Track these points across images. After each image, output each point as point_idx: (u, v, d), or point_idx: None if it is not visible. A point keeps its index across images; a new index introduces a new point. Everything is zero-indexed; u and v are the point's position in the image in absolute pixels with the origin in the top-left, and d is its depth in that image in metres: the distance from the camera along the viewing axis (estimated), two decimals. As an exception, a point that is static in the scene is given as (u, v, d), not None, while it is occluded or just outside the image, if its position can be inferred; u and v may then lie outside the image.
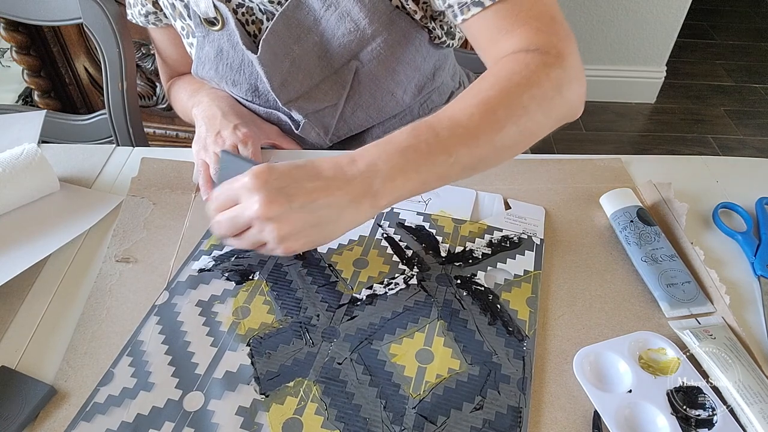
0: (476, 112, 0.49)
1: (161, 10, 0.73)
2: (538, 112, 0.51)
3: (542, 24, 0.54)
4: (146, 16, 0.74)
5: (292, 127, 0.73)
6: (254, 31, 0.67)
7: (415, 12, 0.64)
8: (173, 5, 0.70)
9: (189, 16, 0.69)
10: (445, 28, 0.69)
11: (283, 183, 0.46)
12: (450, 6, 0.58)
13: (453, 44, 0.72)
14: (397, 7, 0.63)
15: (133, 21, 0.77)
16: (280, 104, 0.69)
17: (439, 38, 0.69)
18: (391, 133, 0.50)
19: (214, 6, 0.65)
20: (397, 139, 0.48)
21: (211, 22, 0.67)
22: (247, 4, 0.66)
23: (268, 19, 0.66)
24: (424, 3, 0.64)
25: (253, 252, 0.56)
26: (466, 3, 0.56)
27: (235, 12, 0.66)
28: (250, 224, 0.47)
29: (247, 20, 0.67)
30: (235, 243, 0.50)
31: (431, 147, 0.47)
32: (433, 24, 0.67)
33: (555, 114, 0.53)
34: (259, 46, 0.64)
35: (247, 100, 0.73)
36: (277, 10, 0.64)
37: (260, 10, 0.66)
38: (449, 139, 0.48)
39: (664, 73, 2.14)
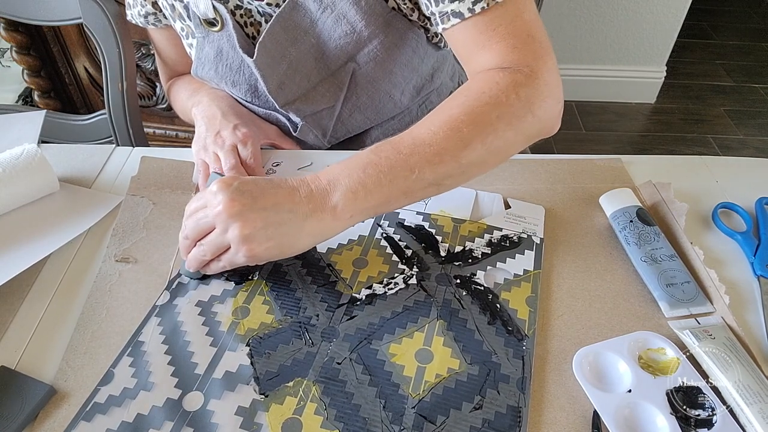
0: (440, 131, 0.50)
1: (161, 11, 0.73)
2: (507, 131, 0.52)
3: (518, 41, 0.55)
4: (146, 16, 0.74)
5: (291, 129, 0.73)
6: (253, 33, 0.67)
7: (412, 11, 0.64)
8: (173, 6, 0.70)
9: (188, 17, 0.69)
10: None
11: (247, 187, 0.48)
12: (433, 14, 0.58)
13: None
14: (394, 8, 0.63)
15: (133, 22, 0.77)
16: (277, 106, 0.69)
17: (436, 37, 0.69)
18: (394, 134, 0.51)
19: (213, 7, 0.65)
20: (359, 156, 0.50)
21: (210, 23, 0.67)
22: (245, 6, 0.66)
23: (266, 21, 0.66)
24: (415, 4, 0.64)
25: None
26: (447, 13, 0.56)
27: (233, 13, 0.66)
28: (213, 224, 0.48)
29: (245, 22, 0.67)
30: (197, 253, 0.51)
31: (392, 163, 0.49)
32: (428, 24, 0.67)
33: (526, 132, 0.54)
34: (256, 49, 0.64)
35: (246, 101, 0.73)
36: (276, 12, 0.64)
37: (259, 12, 0.66)
38: (411, 156, 0.49)
39: (664, 73, 2.14)
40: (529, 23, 0.55)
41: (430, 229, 0.60)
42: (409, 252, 0.57)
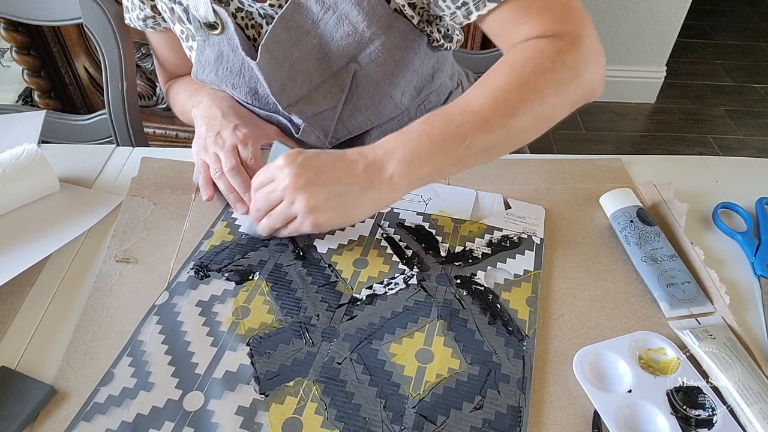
0: (488, 99, 0.52)
1: (160, 14, 0.73)
2: (553, 96, 0.53)
3: (556, 13, 0.56)
4: (144, 20, 0.74)
5: (292, 131, 0.73)
6: (254, 35, 0.67)
7: (413, 17, 0.64)
8: (172, 9, 0.69)
9: (188, 20, 0.69)
10: (443, 31, 0.69)
11: (311, 161, 0.52)
12: (465, 3, 0.59)
13: (451, 47, 0.72)
14: (396, 10, 0.63)
15: (132, 25, 0.77)
16: (280, 108, 0.69)
17: (437, 41, 0.69)
18: (390, 134, 0.52)
19: (214, 10, 0.65)
20: (412, 128, 0.53)
21: (210, 26, 0.67)
22: (246, 9, 0.65)
23: (267, 23, 0.66)
24: (421, 9, 0.64)
25: (249, 258, 0.57)
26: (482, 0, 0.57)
27: (234, 16, 0.66)
28: (282, 197, 0.53)
29: (246, 24, 0.67)
30: (267, 223, 0.55)
31: (444, 132, 0.51)
32: (430, 28, 0.67)
33: (571, 96, 0.55)
34: (258, 52, 0.64)
35: (247, 103, 0.73)
36: (277, 14, 0.64)
37: (260, 14, 0.66)
38: (462, 125, 0.51)
39: (664, 73, 2.14)
40: None
41: (430, 230, 0.60)
42: (409, 252, 0.57)
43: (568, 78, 0.54)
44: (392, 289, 0.54)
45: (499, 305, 0.52)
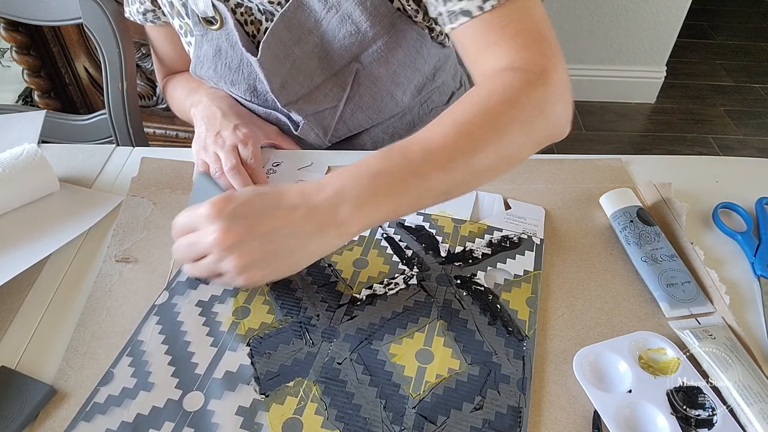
0: (451, 134, 0.48)
1: (159, 7, 0.73)
2: (518, 134, 0.49)
3: (528, 40, 0.53)
4: (144, 13, 0.74)
5: (291, 128, 0.73)
6: (253, 32, 0.67)
7: (417, 12, 0.64)
8: (171, 3, 0.69)
9: (187, 14, 0.69)
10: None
11: (242, 212, 0.45)
12: (440, 14, 0.57)
13: (451, 44, 0.72)
14: (399, 9, 0.63)
15: (131, 18, 0.77)
16: (279, 105, 0.69)
17: (441, 35, 0.69)
18: (395, 133, 0.50)
19: (213, 5, 0.64)
20: (367, 164, 0.47)
21: (209, 21, 0.67)
22: (246, 4, 0.65)
23: (267, 20, 0.66)
24: (420, 5, 0.64)
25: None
26: (455, 12, 0.54)
27: (233, 12, 0.66)
28: (208, 252, 0.45)
29: (245, 20, 0.67)
30: (192, 271, 0.48)
31: (403, 171, 0.46)
32: (433, 23, 0.67)
33: (537, 135, 0.51)
34: (259, 48, 0.64)
35: (246, 100, 0.73)
36: (277, 11, 0.64)
37: (259, 10, 0.66)
38: (422, 164, 0.46)
39: (664, 73, 2.14)
40: (538, 22, 0.53)
41: (430, 230, 0.60)
42: (409, 252, 0.57)
43: (534, 115, 0.50)
44: (392, 289, 0.54)
45: (499, 305, 0.52)
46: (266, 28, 0.66)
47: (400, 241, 0.58)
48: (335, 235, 0.46)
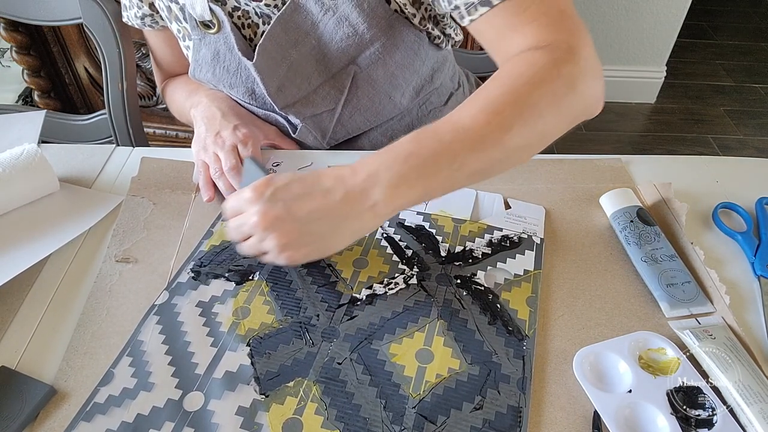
0: (481, 115, 0.48)
1: (157, 12, 0.73)
2: (549, 111, 0.49)
3: (551, 19, 0.52)
4: (142, 18, 0.74)
5: (290, 131, 0.73)
6: (250, 35, 0.67)
7: (414, 15, 0.64)
8: (169, 8, 0.69)
9: (185, 18, 0.69)
10: (443, 29, 0.69)
11: (281, 195, 0.47)
12: (456, 7, 0.56)
13: (449, 44, 0.72)
14: (396, 11, 0.63)
15: (129, 23, 0.77)
16: (277, 108, 0.69)
17: (438, 38, 0.69)
18: (393, 135, 0.50)
19: (210, 9, 0.64)
20: (399, 146, 0.47)
21: (206, 25, 0.67)
22: (243, 8, 0.65)
23: (264, 23, 0.66)
24: (425, 7, 0.64)
25: (249, 259, 0.57)
26: (473, 3, 0.54)
27: (230, 15, 0.66)
28: (250, 233, 0.49)
29: (242, 24, 0.66)
30: (241, 251, 0.52)
31: (434, 152, 0.47)
32: (431, 25, 0.67)
33: (568, 112, 0.51)
34: (256, 52, 0.64)
35: (245, 102, 0.73)
36: (274, 14, 0.64)
37: (256, 13, 0.66)
38: (453, 144, 0.47)
39: (664, 73, 2.14)
40: (559, 1, 0.53)
41: (430, 229, 0.60)
42: (409, 252, 0.57)
43: (564, 91, 0.50)
44: (392, 289, 0.54)
45: (499, 305, 0.52)
46: (263, 32, 0.66)
47: (400, 240, 0.58)
48: (369, 218, 0.47)
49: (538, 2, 0.52)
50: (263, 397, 0.45)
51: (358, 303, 0.52)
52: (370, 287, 0.54)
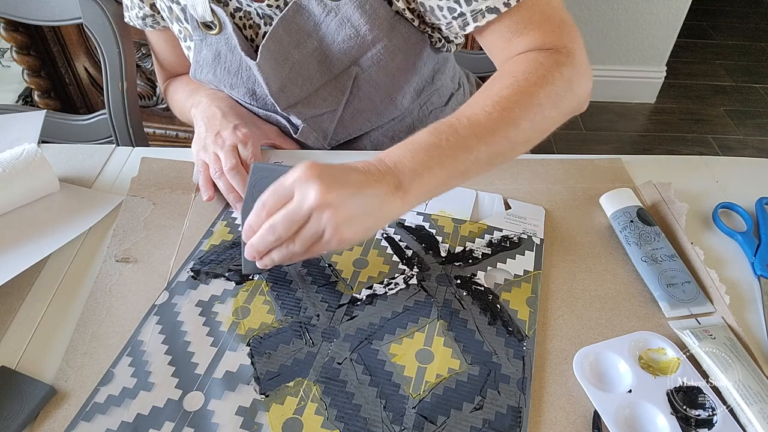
0: (494, 111, 0.52)
1: (159, 13, 0.73)
2: (550, 109, 0.54)
3: (554, 26, 0.58)
4: (143, 19, 0.74)
5: (291, 131, 0.73)
6: (251, 36, 0.67)
7: (413, 20, 0.64)
8: (170, 8, 0.69)
9: (186, 19, 0.69)
10: (444, 34, 0.69)
11: (331, 173, 0.46)
12: (462, 14, 0.59)
13: (452, 49, 0.72)
14: (398, 12, 0.63)
15: (131, 23, 0.77)
16: (278, 109, 0.69)
17: (440, 42, 0.69)
18: (394, 136, 0.50)
19: (212, 10, 0.64)
20: (419, 138, 0.50)
21: (208, 26, 0.67)
22: (245, 9, 0.65)
23: (265, 24, 0.66)
24: (420, 15, 0.64)
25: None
26: (480, 10, 0.58)
27: (232, 16, 0.66)
28: (309, 214, 0.46)
29: (244, 24, 0.67)
30: (287, 251, 0.48)
31: (452, 144, 0.50)
32: (431, 31, 0.67)
33: (565, 109, 0.56)
34: (259, 52, 0.64)
35: (246, 103, 0.73)
36: (276, 14, 0.64)
37: (258, 14, 0.66)
38: (469, 137, 0.50)
39: (664, 73, 2.14)
40: (558, 9, 0.58)
41: (430, 230, 0.60)
42: (409, 252, 0.57)
43: (564, 91, 0.55)
44: (392, 289, 0.54)
45: (499, 305, 0.52)
46: (265, 32, 0.66)
47: (400, 241, 0.58)
48: (400, 200, 0.48)
49: (541, 11, 0.58)
50: (263, 397, 0.45)
51: (358, 303, 0.52)
52: (370, 287, 0.54)
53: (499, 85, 0.54)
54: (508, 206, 0.62)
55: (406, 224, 0.60)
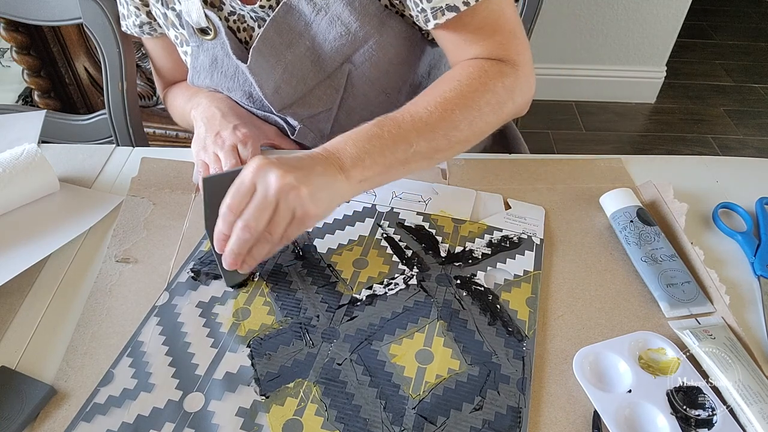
0: (436, 111, 0.56)
1: (155, 20, 0.73)
2: (489, 114, 0.59)
3: (504, 38, 0.61)
4: (140, 26, 0.74)
5: (288, 132, 0.73)
6: (245, 38, 0.67)
7: (403, 10, 0.65)
8: (166, 15, 0.70)
9: (182, 25, 0.69)
10: None
11: (284, 160, 0.49)
12: (423, 10, 0.60)
13: None
14: (387, 6, 0.64)
15: (128, 32, 0.77)
16: (274, 111, 0.69)
17: (428, 34, 0.69)
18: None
19: (205, 15, 0.65)
20: (363, 129, 0.54)
21: (204, 32, 0.67)
22: (238, 12, 0.66)
23: (259, 26, 0.66)
24: (400, 12, 0.64)
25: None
26: (441, 8, 0.59)
27: (226, 20, 0.66)
28: (276, 199, 0.47)
29: (238, 27, 0.67)
30: (265, 248, 0.49)
31: (394, 136, 0.53)
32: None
33: (504, 115, 0.61)
34: (249, 54, 0.64)
35: (244, 105, 0.73)
36: (269, 16, 0.64)
37: (251, 17, 0.66)
38: (410, 131, 0.54)
39: (664, 73, 2.14)
40: (511, 22, 0.62)
41: (430, 230, 0.60)
42: (409, 252, 0.57)
43: (504, 99, 0.59)
44: (392, 289, 0.54)
45: (498, 306, 0.52)
46: (258, 35, 0.66)
47: (400, 241, 0.58)
48: (345, 183, 0.51)
49: (494, 21, 0.61)
50: (263, 398, 0.45)
51: (358, 303, 0.52)
52: (370, 288, 0.54)
53: (444, 88, 0.58)
54: (508, 206, 0.62)
55: (405, 224, 0.60)
